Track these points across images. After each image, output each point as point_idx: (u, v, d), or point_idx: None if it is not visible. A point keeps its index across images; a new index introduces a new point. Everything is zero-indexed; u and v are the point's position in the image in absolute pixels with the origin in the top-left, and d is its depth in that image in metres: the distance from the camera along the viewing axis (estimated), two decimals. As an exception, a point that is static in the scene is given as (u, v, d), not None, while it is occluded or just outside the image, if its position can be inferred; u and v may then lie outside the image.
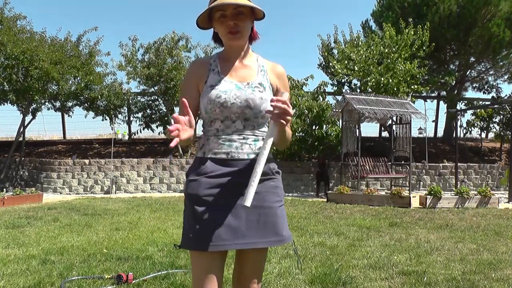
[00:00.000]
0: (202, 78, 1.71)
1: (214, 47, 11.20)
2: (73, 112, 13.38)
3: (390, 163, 11.20)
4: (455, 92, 15.57)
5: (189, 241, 1.62)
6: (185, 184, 1.72)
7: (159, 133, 13.79)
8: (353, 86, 14.39)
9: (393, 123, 11.73)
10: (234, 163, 1.66)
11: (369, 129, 20.26)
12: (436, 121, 16.83)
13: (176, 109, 12.37)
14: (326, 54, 14.94)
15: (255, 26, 1.75)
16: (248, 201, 1.51)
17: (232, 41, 1.68)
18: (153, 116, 13.40)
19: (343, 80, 14.14)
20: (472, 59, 14.92)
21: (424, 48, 12.82)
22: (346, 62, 12.73)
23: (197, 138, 1.85)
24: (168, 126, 1.43)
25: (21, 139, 12.21)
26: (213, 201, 1.61)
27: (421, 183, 12.14)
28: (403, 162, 11.46)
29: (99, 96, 12.13)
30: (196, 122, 1.66)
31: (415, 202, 8.60)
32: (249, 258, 1.70)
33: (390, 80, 11.95)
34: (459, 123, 14.40)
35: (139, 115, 13.47)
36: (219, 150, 1.66)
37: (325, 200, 9.27)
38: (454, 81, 14.85)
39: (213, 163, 1.66)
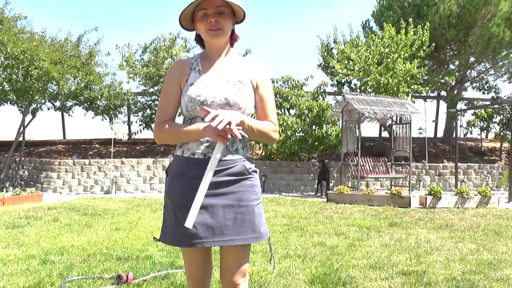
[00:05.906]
0: (183, 77, 1.76)
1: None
2: (73, 112, 13.42)
3: (390, 163, 11.20)
4: (455, 92, 15.58)
5: (167, 237, 1.74)
6: (165, 182, 1.80)
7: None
8: (353, 86, 14.40)
9: (393, 123, 11.72)
10: None
11: (369, 129, 20.31)
12: (436, 121, 16.86)
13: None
14: (325, 54, 14.95)
15: (235, 28, 1.81)
16: (190, 222, 1.59)
17: (213, 38, 1.72)
18: (153, 116, 13.40)
19: (343, 80, 14.15)
20: (472, 59, 14.92)
21: (424, 48, 12.82)
22: (346, 62, 12.74)
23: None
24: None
25: (21, 139, 12.20)
26: (190, 201, 1.66)
27: (421, 183, 12.14)
28: (403, 162, 11.46)
29: (99, 96, 12.13)
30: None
31: (415, 202, 8.59)
32: (230, 255, 1.75)
33: (390, 80, 11.95)
34: (459, 123, 14.40)
35: (139, 115, 13.48)
36: (197, 150, 1.72)
37: (325, 200, 9.27)
38: (454, 81, 14.85)
39: (191, 163, 1.71)
